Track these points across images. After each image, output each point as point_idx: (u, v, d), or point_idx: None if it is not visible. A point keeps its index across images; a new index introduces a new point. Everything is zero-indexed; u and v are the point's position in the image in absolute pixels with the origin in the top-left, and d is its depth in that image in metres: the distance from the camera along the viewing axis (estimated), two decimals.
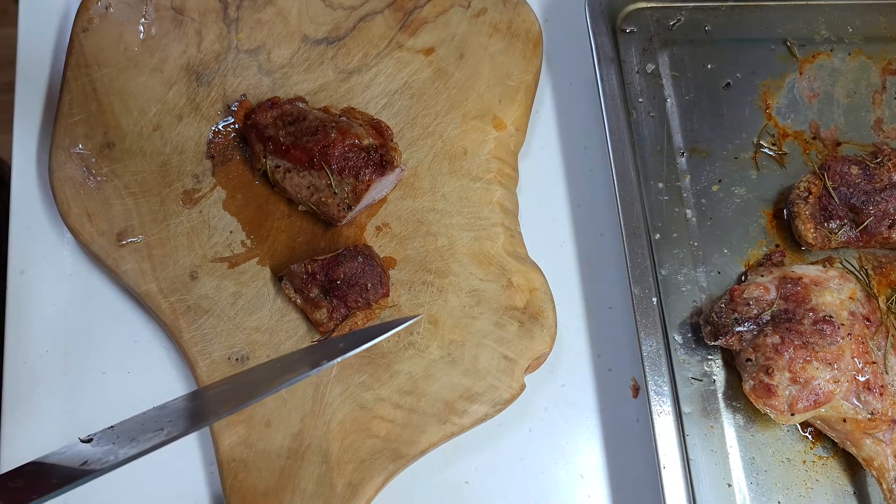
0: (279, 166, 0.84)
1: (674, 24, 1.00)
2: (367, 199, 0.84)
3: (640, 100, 0.96)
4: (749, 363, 0.80)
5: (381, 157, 0.82)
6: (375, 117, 0.89)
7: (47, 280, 0.87)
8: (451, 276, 0.85)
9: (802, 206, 0.87)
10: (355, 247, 0.82)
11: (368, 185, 0.81)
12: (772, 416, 0.78)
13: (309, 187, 0.83)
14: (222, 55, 0.92)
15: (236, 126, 0.89)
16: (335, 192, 0.82)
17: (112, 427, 0.60)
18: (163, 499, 0.81)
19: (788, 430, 0.84)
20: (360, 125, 0.85)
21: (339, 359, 0.68)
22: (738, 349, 0.82)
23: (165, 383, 0.84)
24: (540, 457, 0.85)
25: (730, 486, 0.81)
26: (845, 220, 0.87)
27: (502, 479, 0.84)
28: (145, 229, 0.85)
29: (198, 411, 0.62)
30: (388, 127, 0.87)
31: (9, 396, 0.83)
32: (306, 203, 0.84)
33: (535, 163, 0.96)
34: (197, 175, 0.87)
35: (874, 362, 0.79)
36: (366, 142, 0.83)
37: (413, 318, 0.76)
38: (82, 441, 0.59)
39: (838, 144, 0.95)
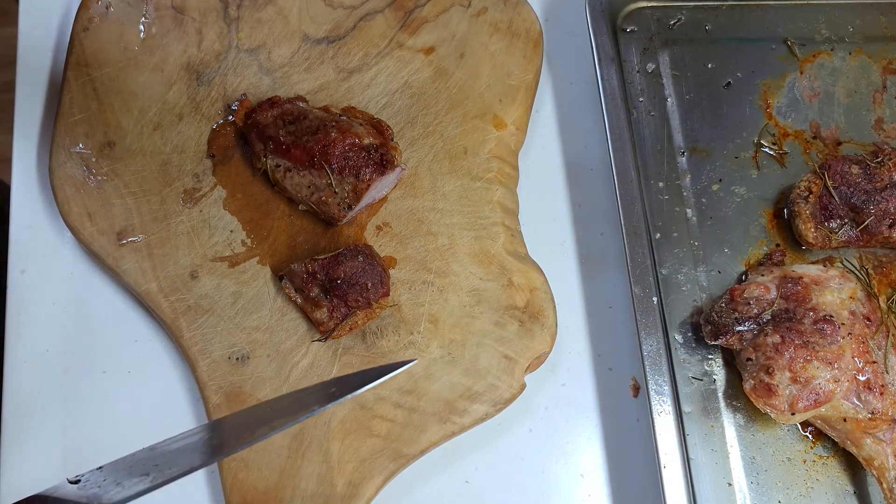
0: (279, 165, 0.84)
1: (674, 23, 1.00)
2: (367, 199, 0.84)
3: (641, 99, 0.96)
4: (749, 363, 0.80)
5: (382, 157, 0.82)
6: (376, 116, 0.89)
7: (47, 279, 0.87)
8: (451, 275, 0.85)
9: (803, 205, 0.87)
10: (356, 246, 0.82)
11: (369, 185, 0.81)
12: (772, 415, 0.78)
13: (309, 186, 0.83)
14: (223, 54, 0.92)
15: (237, 125, 0.89)
16: (335, 192, 0.82)
17: (101, 468, 0.60)
18: (163, 499, 0.81)
19: (789, 430, 0.84)
20: (361, 124, 0.85)
21: (331, 405, 0.66)
22: (739, 349, 0.82)
23: (166, 382, 0.85)
24: (540, 456, 0.85)
25: (730, 485, 0.81)
26: (846, 220, 0.87)
27: (503, 478, 0.84)
28: (146, 228, 0.85)
29: (191, 453, 0.62)
30: (388, 126, 0.87)
31: (9, 395, 0.83)
32: (306, 202, 0.83)
33: (536, 162, 0.96)
34: (197, 174, 0.87)
35: (874, 362, 0.79)
36: (366, 141, 0.83)
37: (409, 363, 0.73)
38: (70, 482, 0.59)
39: (839, 144, 0.95)
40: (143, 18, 0.91)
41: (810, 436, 0.84)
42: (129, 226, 0.85)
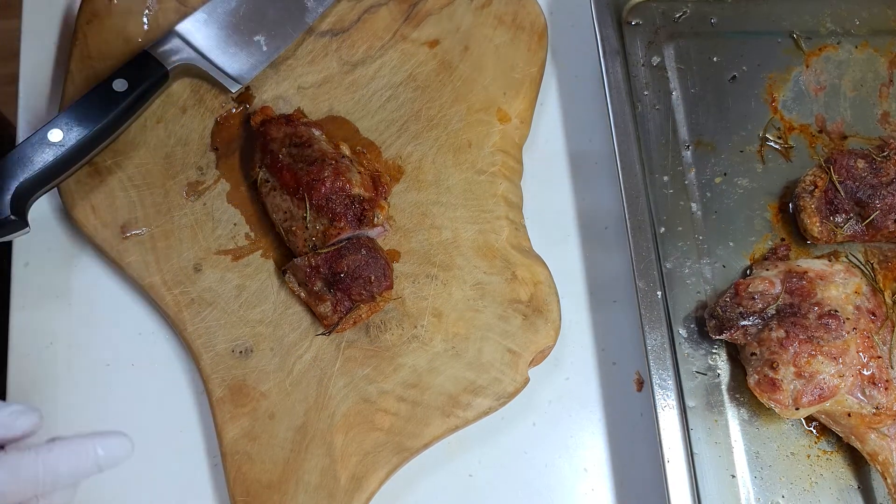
0: (268, 181, 0.83)
1: (679, 16, 1.00)
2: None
3: (646, 93, 0.96)
4: (754, 357, 0.80)
5: (362, 212, 0.81)
6: (379, 171, 0.87)
7: (51, 272, 0.87)
8: (455, 269, 0.85)
9: (808, 199, 0.87)
10: (358, 239, 0.81)
11: (339, 234, 0.80)
12: (776, 410, 0.78)
13: (285, 212, 0.82)
14: None
15: (241, 118, 0.89)
16: (307, 227, 0.81)
17: None
18: (166, 491, 0.81)
19: (793, 425, 0.84)
20: (360, 172, 0.84)
21: None
22: (743, 343, 0.82)
23: (169, 376, 0.84)
24: (544, 450, 0.85)
25: (734, 477, 0.81)
26: (851, 214, 0.86)
27: (506, 472, 0.84)
28: (149, 221, 0.85)
29: None
30: (386, 183, 0.86)
31: (13, 389, 0.83)
32: (278, 226, 0.83)
33: (540, 155, 0.96)
34: (201, 167, 0.87)
35: (879, 357, 0.78)
36: (355, 191, 0.82)
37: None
38: None
39: (844, 138, 0.95)
40: (147, 10, 0.91)
41: (814, 431, 0.83)
42: (133, 219, 0.85)
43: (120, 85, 0.83)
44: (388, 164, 0.89)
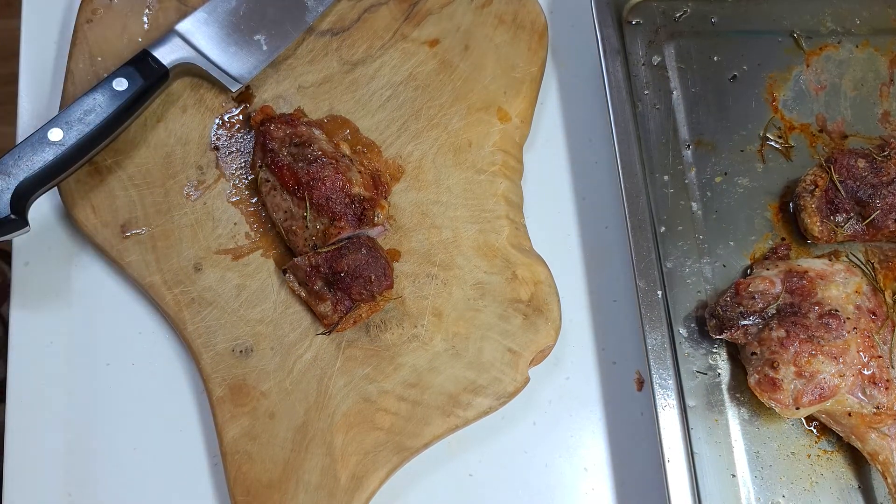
0: (268, 180, 0.83)
1: (680, 15, 0.99)
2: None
3: (646, 92, 0.96)
4: (754, 357, 0.80)
5: (363, 211, 0.81)
6: (379, 170, 0.87)
7: (51, 272, 0.87)
8: (455, 268, 0.85)
9: (808, 199, 0.87)
10: (359, 239, 0.81)
11: (339, 233, 0.80)
12: (776, 409, 0.78)
13: (286, 211, 0.82)
14: None
15: (241, 118, 0.89)
16: (307, 226, 0.81)
17: None
18: (166, 491, 0.81)
19: (793, 424, 0.83)
20: (360, 171, 0.84)
21: None
22: (744, 343, 0.81)
23: (169, 375, 0.84)
24: (544, 450, 0.85)
25: (734, 476, 0.81)
26: (852, 214, 0.86)
27: (506, 471, 0.84)
28: (149, 221, 0.85)
29: None
30: (386, 183, 0.86)
31: (13, 387, 0.83)
32: (279, 225, 0.83)
33: (540, 155, 0.96)
34: (201, 166, 0.87)
35: (880, 356, 0.78)
36: (355, 190, 0.82)
37: None
38: None
39: (845, 137, 0.95)
40: (147, 10, 0.91)
41: (815, 430, 0.83)
42: (133, 218, 0.85)
43: (120, 84, 0.83)
44: (389, 164, 0.89)
